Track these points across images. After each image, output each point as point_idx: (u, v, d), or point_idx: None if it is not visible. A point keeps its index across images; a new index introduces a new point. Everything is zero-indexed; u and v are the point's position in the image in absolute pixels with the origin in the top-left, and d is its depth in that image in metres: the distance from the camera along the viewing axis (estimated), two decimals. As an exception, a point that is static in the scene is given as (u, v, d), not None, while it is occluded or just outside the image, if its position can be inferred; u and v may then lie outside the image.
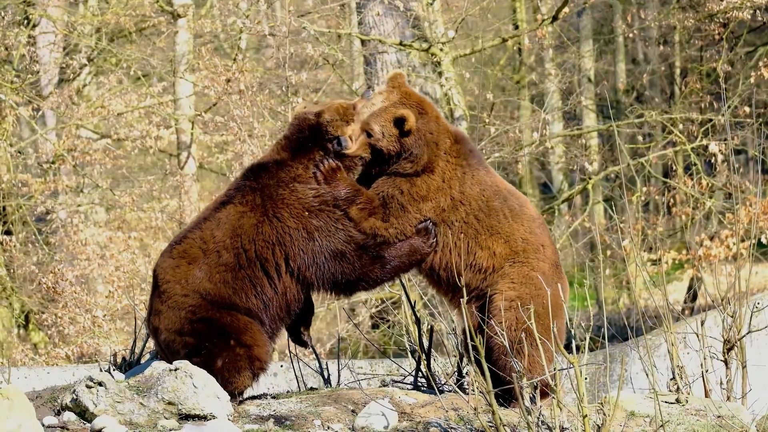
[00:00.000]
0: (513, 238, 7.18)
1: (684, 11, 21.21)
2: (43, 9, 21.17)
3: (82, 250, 19.44)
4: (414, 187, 7.13)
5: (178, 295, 6.95)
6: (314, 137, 7.16)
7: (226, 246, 6.97)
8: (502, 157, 19.50)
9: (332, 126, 7.13)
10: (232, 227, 7.00)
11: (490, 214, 7.18)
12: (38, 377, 11.30)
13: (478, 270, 7.15)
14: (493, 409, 6.36)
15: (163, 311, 6.99)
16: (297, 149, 7.17)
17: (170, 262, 7.05)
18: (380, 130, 7.09)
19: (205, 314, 6.91)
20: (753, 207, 16.20)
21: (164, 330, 6.98)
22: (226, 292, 6.95)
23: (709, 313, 8.63)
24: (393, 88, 7.24)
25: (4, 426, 5.93)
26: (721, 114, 19.27)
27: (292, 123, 7.30)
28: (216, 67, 19.89)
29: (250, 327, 6.95)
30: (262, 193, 7.05)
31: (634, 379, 10.12)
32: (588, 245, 21.88)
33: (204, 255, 6.98)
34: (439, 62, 18.52)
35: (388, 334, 18.68)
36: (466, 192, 7.18)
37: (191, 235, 7.09)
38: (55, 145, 20.32)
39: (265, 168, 7.15)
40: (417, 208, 7.13)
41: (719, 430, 6.82)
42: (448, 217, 7.15)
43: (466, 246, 7.15)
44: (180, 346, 6.95)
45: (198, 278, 6.95)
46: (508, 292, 7.05)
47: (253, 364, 6.93)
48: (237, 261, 6.96)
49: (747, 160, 26.54)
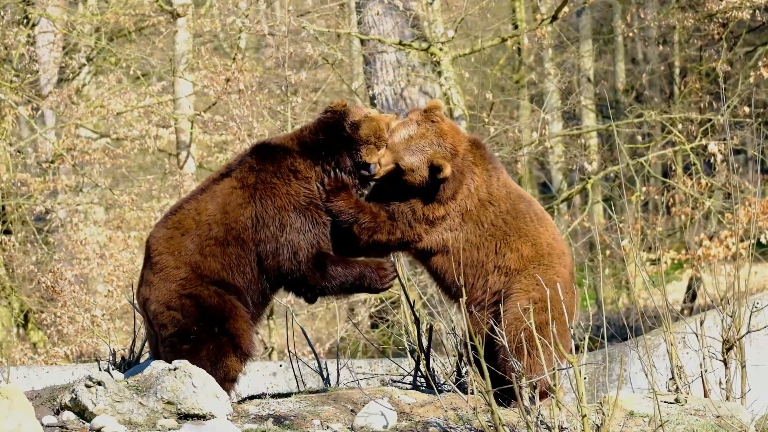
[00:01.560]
0: (539, 241, 7.21)
1: (683, 11, 21.21)
2: (42, 8, 21.16)
3: (81, 249, 19.44)
4: (429, 210, 7.14)
5: (170, 267, 6.97)
6: (337, 146, 7.09)
7: (217, 220, 6.98)
8: (502, 157, 19.48)
9: (366, 148, 7.07)
10: (223, 202, 7.02)
11: (517, 216, 7.21)
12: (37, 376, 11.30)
13: (505, 272, 7.15)
14: (492, 408, 6.36)
15: (154, 282, 7.01)
16: (311, 148, 7.12)
17: (164, 232, 7.07)
18: (412, 167, 7.08)
19: (193, 290, 6.92)
20: (752, 207, 16.21)
21: (154, 301, 7.00)
22: (214, 266, 6.96)
23: (709, 312, 8.63)
24: (430, 121, 7.17)
25: (3, 425, 5.93)
26: (720, 114, 19.27)
27: (321, 120, 7.19)
28: (215, 66, 19.88)
29: (235, 313, 6.97)
30: (257, 175, 7.04)
31: (634, 378, 10.12)
32: (587, 245, 21.88)
33: (197, 226, 6.99)
34: (439, 62, 18.52)
35: (387, 333, 18.69)
36: (493, 193, 7.21)
37: (187, 205, 7.12)
38: (55, 144, 20.31)
39: (272, 151, 7.12)
40: (425, 225, 7.14)
41: (718, 429, 6.82)
42: (478, 216, 7.16)
43: (495, 247, 7.16)
44: (167, 320, 6.97)
45: (189, 250, 6.97)
46: (533, 293, 7.06)
47: (236, 352, 6.97)
48: (226, 236, 6.97)
49: (746, 160, 26.55)
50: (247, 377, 10.32)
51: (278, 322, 18.69)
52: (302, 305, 19.00)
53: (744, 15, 19.37)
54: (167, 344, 7.02)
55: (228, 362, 6.96)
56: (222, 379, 6.89)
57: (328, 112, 7.18)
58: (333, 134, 7.09)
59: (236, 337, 6.95)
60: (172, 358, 6.92)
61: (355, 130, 7.07)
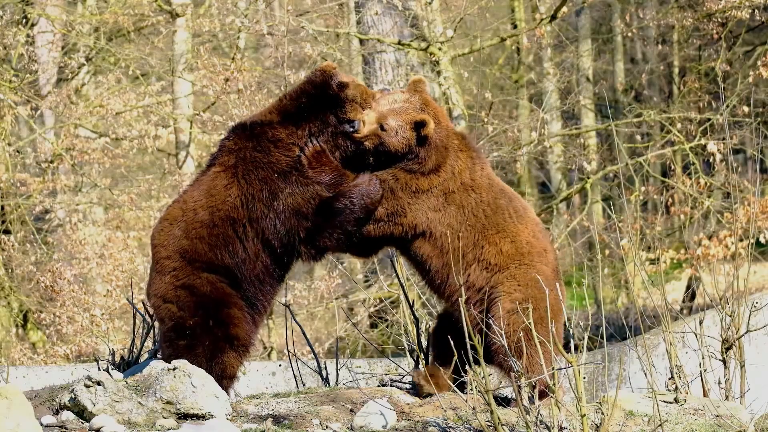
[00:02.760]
0: (518, 239, 7.20)
1: (683, 10, 21.21)
2: (41, 8, 21.15)
3: (80, 249, 19.44)
4: (413, 180, 7.14)
5: (163, 258, 7.04)
6: (322, 105, 7.08)
7: (202, 205, 7.03)
8: (501, 157, 19.50)
9: (351, 105, 7.08)
10: (207, 187, 7.06)
11: (497, 211, 7.21)
12: (36, 376, 11.29)
13: (486, 267, 7.14)
14: (492, 408, 6.36)
15: (153, 277, 7.10)
16: (292, 114, 7.10)
17: (158, 226, 7.18)
18: (396, 128, 7.11)
19: (186, 280, 6.96)
20: (751, 206, 16.20)
21: (152, 295, 7.09)
22: (202, 248, 6.99)
23: (708, 312, 8.63)
24: (414, 91, 7.27)
25: (2, 425, 5.93)
26: (719, 113, 19.27)
27: (305, 84, 7.18)
28: (214, 66, 19.87)
29: (228, 301, 7.00)
30: (237, 155, 7.05)
31: (633, 378, 10.12)
32: (586, 244, 21.87)
33: (183, 214, 7.05)
34: (438, 61, 18.52)
35: (386, 333, 18.69)
36: (476, 180, 7.23)
37: (177, 199, 7.23)
38: (54, 144, 20.31)
39: (248, 129, 7.13)
40: (409, 196, 7.13)
41: (717, 429, 6.82)
42: (461, 200, 7.17)
43: (474, 238, 7.16)
44: (165, 314, 7.03)
45: (176, 237, 7.02)
46: (515, 294, 7.06)
47: (233, 346, 6.99)
48: (211, 219, 7.00)
49: (745, 160, 26.57)
50: (246, 377, 10.35)
51: (277, 322, 18.69)
52: (301, 305, 19.00)
53: (743, 14, 19.37)
54: (165, 338, 7.07)
55: (225, 359, 6.97)
56: (219, 376, 6.89)
57: (317, 71, 7.17)
58: (319, 92, 7.08)
59: (230, 326, 6.96)
60: (170, 354, 6.95)
61: (342, 89, 7.09)
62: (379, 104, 7.19)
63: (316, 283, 19.22)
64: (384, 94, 7.30)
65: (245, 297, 7.10)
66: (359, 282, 17.68)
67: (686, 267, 20.80)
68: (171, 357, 6.94)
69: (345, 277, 19.14)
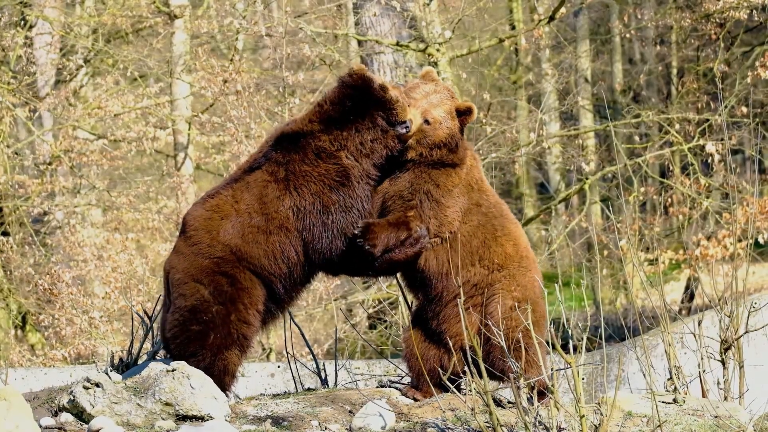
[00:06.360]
0: (520, 242, 7.23)
1: (681, 11, 21.21)
2: (39, 10, 21.15)
3: (79, 251, 19.42)
4: (449, 178, 7.15)
5: (205, 244, 7.06)
6: (367, 107, 7.09)
7: (256, 209, 7.09)
8: (499, 158, 19.50)
9: (399, 106, 7.08)
10: (259, 193, 7.11)
11: (503, 214, 7.25)
12: (35, 378, 11.28)
13: (487, 266, 7.14)
14: (490, 409, 6.36)
15: (186, 254, 7.10)
16: (335, 120, 7.13)
17: (202, 212, 7.16)
18: (440, 119, 7.13)
19: (230, 270, 7.02)
20: (750, 207, 16.21)
21: (180, 270, 7.08)
22: (257, 252, 7.06)
23: (707, 313, 8.63)
24: (432, 80, 7.28)
25: (1, 427, 5.92)
26: (717, 114, 19.26)
27: (343, 88, 7.15)
28: (213, 67, 19.87)
29: (257, 301, 7.09)
30: (286, 168, 7.12)
31: (632, 379, 10.12)
32: (585, 245, 21.88)
33: (236, 214, 7.09)
34: (436, 62, 18.51)
35: (385, 334, 18.68)
36: (484, 180, 7.31)
37: (223, 192, 7.21)
38: (52, 146, 20.30)
39: (293, 141, 7.16)
40: (448, 199, 7.13)
41: (716, 430, 6.82)
42: (477, 199, 7.20)
43: (483, 239, 7.16)
44: (188, 292, 7.02)
45: (229, 233, 7.07)
46: (515, 293, 7.07)
47: (241, 343, 7.06)
48: (268, 226, 7.07)
49: (744, 160, 26.59)
50: (245, 378, 10.34)
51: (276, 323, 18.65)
52: (300, 306, 18.99)
53: (741, 15, 19.37)
54: (178, 315, 7.04)
55: (230, 355, 7.00)
56: (222, 371, 6.92)
57: (354, 75, 7.13)
58: (360, 94, 7.08)
59: (248, 325, 7.06)
60: (177, 332, 6.97)
61: (385, 91, 7.08)
62: (415, 97, 7.19)
63: (314, 284, 19.20)
64: (405, 87, 7.28)
65: (274, 301, 7.22)
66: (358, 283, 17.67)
67: (685, 267, 20.79)
68: (177, 340, 6.95)
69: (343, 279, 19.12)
